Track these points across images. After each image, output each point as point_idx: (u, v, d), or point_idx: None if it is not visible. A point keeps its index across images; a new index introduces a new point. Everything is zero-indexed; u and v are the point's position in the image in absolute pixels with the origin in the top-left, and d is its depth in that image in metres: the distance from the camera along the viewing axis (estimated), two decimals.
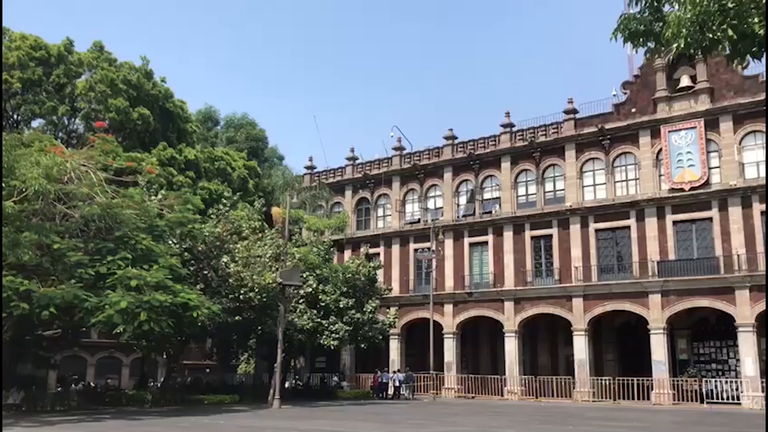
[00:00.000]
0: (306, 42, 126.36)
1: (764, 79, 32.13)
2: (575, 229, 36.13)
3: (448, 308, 39.51)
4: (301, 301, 33.66)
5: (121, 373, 38.93)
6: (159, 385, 33.49)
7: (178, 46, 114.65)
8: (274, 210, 41.71)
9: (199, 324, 25.20)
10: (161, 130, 38.84)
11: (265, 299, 29.99)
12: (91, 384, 34.15)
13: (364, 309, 35.11)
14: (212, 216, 31.19)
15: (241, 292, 29.34)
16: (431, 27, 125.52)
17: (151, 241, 24.37)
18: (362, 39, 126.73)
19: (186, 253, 28.25)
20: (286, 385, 36.90)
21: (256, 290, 29.47)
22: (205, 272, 29.29)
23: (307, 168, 48.84)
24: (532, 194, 38.47)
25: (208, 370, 42.65)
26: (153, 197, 27.68)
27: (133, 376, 37.53)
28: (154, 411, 24.93)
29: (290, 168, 49.58)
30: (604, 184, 36.08)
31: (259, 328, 31.84)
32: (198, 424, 19.70)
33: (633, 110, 35.78)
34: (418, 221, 42.34)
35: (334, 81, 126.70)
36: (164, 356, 34.12)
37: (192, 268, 28.29)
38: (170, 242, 27.15)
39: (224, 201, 33.39)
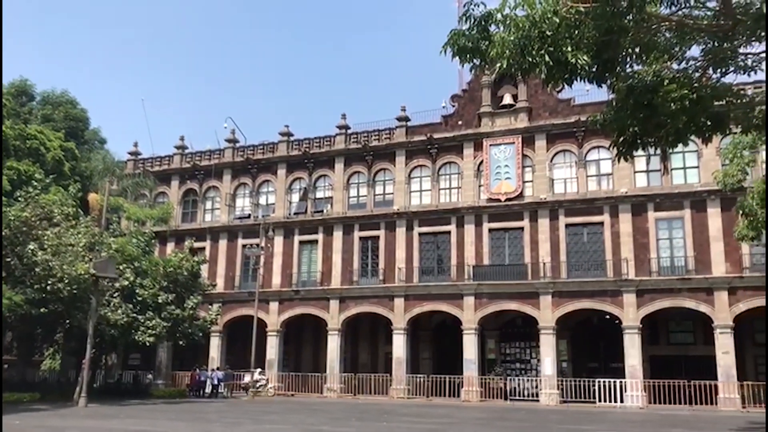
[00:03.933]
0: (143, 25, 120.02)
1: (575, 103, 35.23)
2: (401, 231, 37.38)
3: (274, 306, 39.25)
4: (115, 294, 31.81)
5: None
6: None
7: None
8: (92, 196, 39.23)
9: None
10: None
11: (75, 291, 27.98)
12: None
13: (185, 305, 33.86)
14: (20, 199, 28.72)
15: (49, 282, 27.21)
16: (273, 28, 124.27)
17: None
18: (201, 27, 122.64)
19: None
20: (96, 383, 34.75)
21: (66, 281, 27.45)
22: (9, 259, 26.92)
23: (131, 154, 46.25)
24: (363, 196, 39.30)
25: (6, 366, 39.06)
26: None
27: None
28: None
29: (112, 153, 46.56)
30: (430, 190, 37.69)
31: (68, 321, 29.77)
32: None
33: (459, 122, 37.69)
34: (249, 216, 41.66)
35: (168, 69, 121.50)
36: None
37: None
38: None
39: (35, 183, 30.90)
